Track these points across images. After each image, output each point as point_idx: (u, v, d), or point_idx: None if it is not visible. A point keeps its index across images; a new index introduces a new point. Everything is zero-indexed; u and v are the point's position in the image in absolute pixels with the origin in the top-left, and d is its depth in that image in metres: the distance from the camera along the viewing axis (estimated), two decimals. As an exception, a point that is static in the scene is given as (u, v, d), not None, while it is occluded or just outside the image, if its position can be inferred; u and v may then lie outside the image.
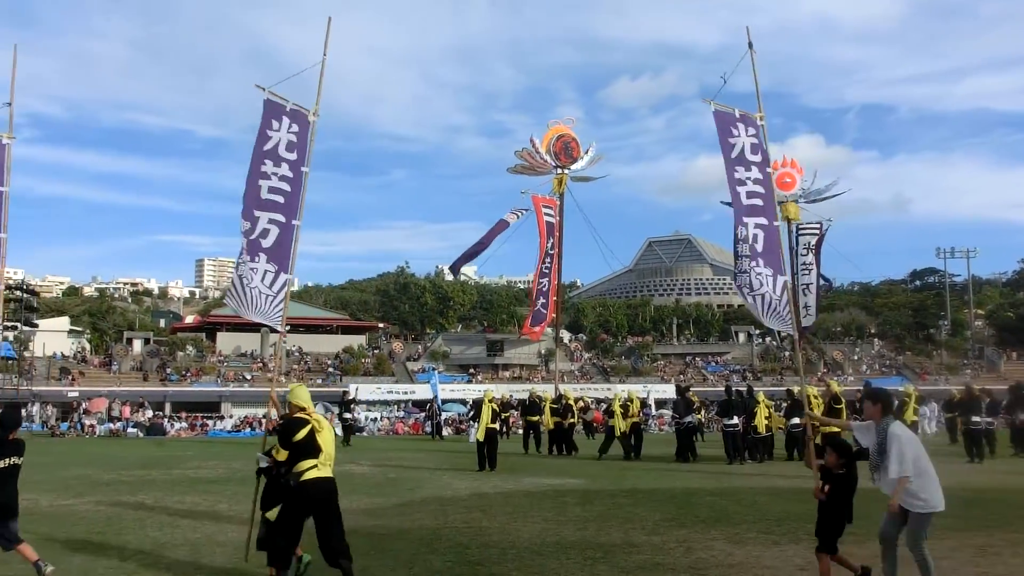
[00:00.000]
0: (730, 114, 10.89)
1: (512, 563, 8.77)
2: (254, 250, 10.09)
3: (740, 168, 10.62)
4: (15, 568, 8.59)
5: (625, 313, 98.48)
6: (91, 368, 61.76)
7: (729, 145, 10.69)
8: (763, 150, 10.82)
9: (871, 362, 75.86)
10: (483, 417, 20.45)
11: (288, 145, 10.88)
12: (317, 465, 7.68)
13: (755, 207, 10.56)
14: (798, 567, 8.51)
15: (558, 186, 40.96)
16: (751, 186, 10.53)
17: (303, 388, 8.29)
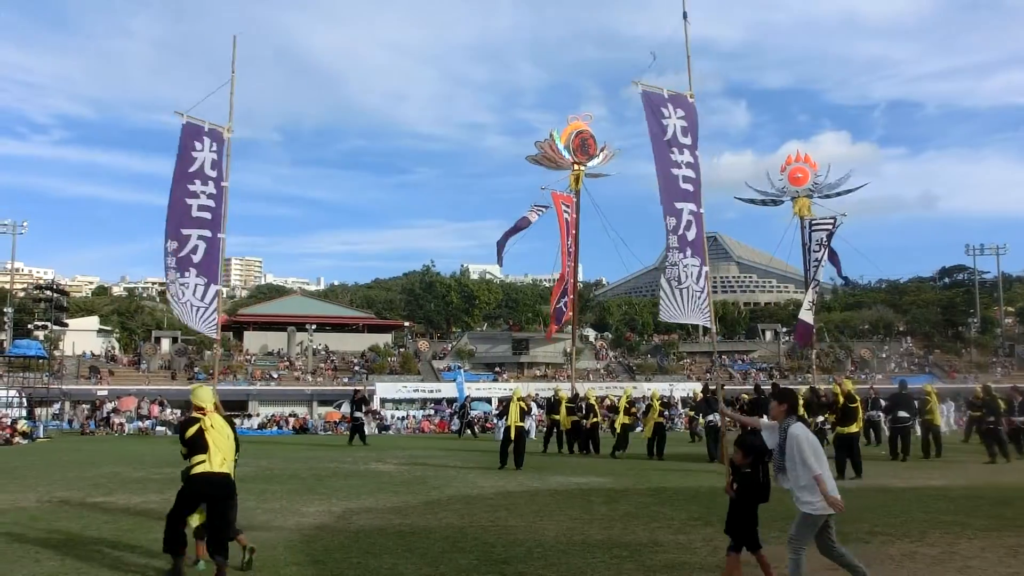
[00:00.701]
0: (659, 95, 10.73)
1: (538, 562, 8.77)
2: (184, 266, 10.79)
3: (674, 150, 10.50)
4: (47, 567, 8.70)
5: (651, 311, 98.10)
6: (120, 367, 62.38)
7: (661, 126, 10.51)
8: (693, 132, 10.74)
9: (899, 360, 75.18)
10: (511, 415, 20.41)
11: (212, 164, 11.37)
12: (206, 461, 8.25)
13: (688, 192, 10.56)
14: (825, 566, 8.43)
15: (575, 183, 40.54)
16: (684, 170, 10.46)
17: (203, 389, 8.93)
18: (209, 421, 8.50)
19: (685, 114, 10.61)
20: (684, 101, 10.64)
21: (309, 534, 10.57)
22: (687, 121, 10.58)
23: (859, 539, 9.87)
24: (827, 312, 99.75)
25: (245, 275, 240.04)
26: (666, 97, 10.62)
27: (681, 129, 10.52)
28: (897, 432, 22.27)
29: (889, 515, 11.77)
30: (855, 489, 15.24)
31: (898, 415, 22.37)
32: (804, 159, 40.14)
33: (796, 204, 38.92)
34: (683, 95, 10.66)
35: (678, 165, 10.38)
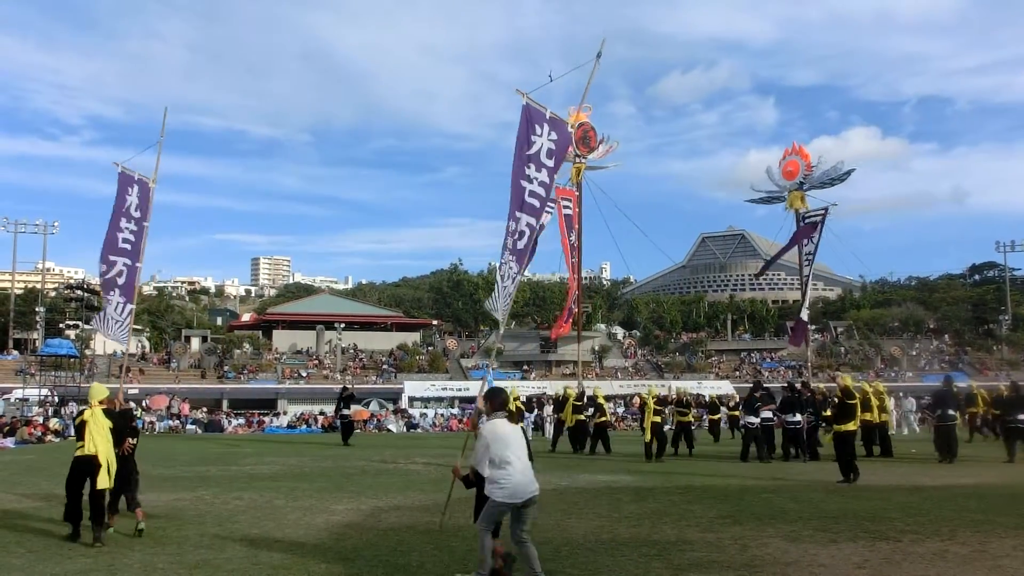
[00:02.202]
0: (541, 112, 11.00)
1: (566, 560, 8.76)
2: (110, 287, 12.90)
3: (532, 166, 10.88)
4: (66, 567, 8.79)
5: (679, 309, 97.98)
6: (151, 366, 62.96)
7: (529, 141, 10.87)
8: (558, 157, 11.09)
9: (929, 358, 74.44)
10: None
11: (136, 207, 13.99)
12: (83, 446, 10.08)
13: (532, 207, 10.92)
14: (855, 565, 8.39)
15: (576, 176, 39.69)
16: (535, 186, 10.82)
17: (96, 386, 10.71)
18: (90, 413, 10.27)
19: (557, 138, 11.01)
20: (562, 126, 11.12)
21: (338, 532, 10.62)
22: (556, 145, 10.98)
23: (890, 537, 9.78)
24: (856, 310, 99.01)
25: (274, 274, 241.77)
26: (546, 116, 10.94)
27: (547, 151, 10.91)
28: (945, 431, 20.79)
29: (919, 513, 11.67)
30: (884, 487, 15.13)
31: (946, 413, 20.92)
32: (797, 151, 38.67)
33: (789, 198, 37.83)
34: (563, 121, 11.18)
35: (530, 180, 10.82)
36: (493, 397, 8.10)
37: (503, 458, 7.48)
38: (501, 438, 7.58)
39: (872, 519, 11.19)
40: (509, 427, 7.75)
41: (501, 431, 7.66)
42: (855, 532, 10.18)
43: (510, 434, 7.67)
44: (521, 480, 7.47)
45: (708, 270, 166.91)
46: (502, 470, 7.47)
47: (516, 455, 7.54)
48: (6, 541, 10.05)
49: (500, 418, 7.81)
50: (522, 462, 7.58)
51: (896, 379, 64.02)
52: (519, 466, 7.51)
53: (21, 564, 8.73)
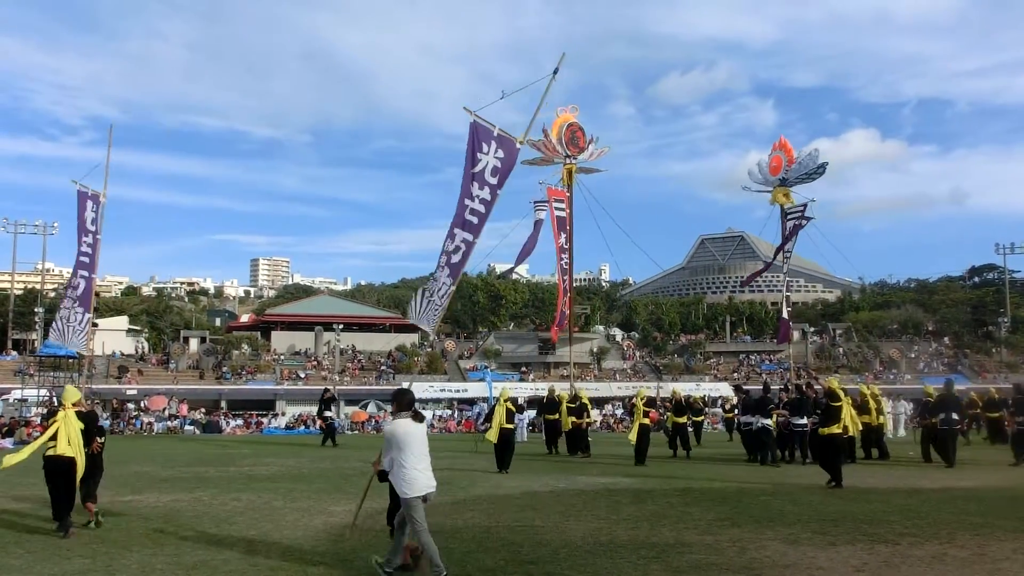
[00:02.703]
0: (489, 130, 11.16)
1: (565, 562, 8.76)
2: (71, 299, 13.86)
3: (476, 184, 11.13)
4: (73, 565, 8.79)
5: (678, 311, 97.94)
6: (149, 366, 62.91)
7: (476, 159, 11.08)
8: (503, 174, 11.21)
9: (928, 360, 74.44)
10: (496, 418, 19.68)
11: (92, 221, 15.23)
12: (55, 446, 10.56)
13: (471, 223, 11.18)
14: (854, 568, 8.39)
15: (567, 177, 39.22)
16: (476, 204, 11.08)
17: (70, 389, 11.54)
18: (63, 415, 10.82)
19: (504, 155, 11.11)
20: (510, 144, 11.18)
21: (336, 533, 10.62)
22: (503, 163, 11.11)
23: (888, 540, 9.78)
24: (855, 312, 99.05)
25: (273, 275, 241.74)
26: (494, 134, 11.06)
27: (492, 168, 11.09)
28: (947, 436, 20.52)
29: (918, 516, 11.67)
30: (883, 490, 15.13)
31: (950, 417, 20.61)
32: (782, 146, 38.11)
33: (773, 193, 37.41)
34: (512, 139, 11.21)
35: (472, 198, 11.07)
36: (399, 398, 8.55)
37: (402, 456, 8.01)
38: (401, 436, 8.08)
39: (871, 522, 11.19)
40: (412, 426, 8.19)
41: (401, 430, 8.12)
42: (854, 535, 10.18)
43: (411, 433, 8.13)
44: (418, 476, 7.99)
45: (707, 272, 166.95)
46: (402, 467, 8.01)
47: (414, 453, 8.06)
48: (5, 541, 10.05)
49: (405, 418, 8.25)
50: (419, 459, 8.07)
51: (895, 381, 64.05)
52: (415, 463, 8.02)
53: (20, 565, 8.73)
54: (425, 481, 8.04)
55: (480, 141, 11.17)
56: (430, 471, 8.17)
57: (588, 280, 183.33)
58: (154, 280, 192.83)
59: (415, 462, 8.05)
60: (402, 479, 8.00)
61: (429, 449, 8.27)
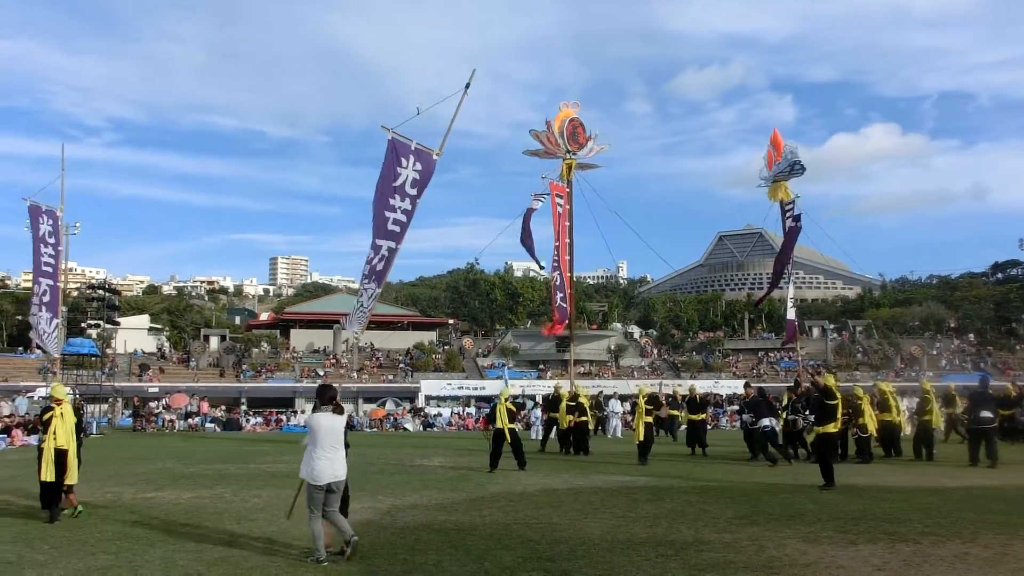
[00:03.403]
0: (407, 145, 11.72)
1: (582, 559, 8.77)
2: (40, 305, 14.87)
3: (396, 197, 11.70)
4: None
5: (696, 308, 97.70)
6: (170, 364, 63.31)
7: (395, 174, 11.60)
8: (422, 186, 11.73)
9: (950, 357, 73.91)
10: (499, 417, 19.35)
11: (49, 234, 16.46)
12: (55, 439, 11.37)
13: (394, 233, 11.80)
14: (875, 567, 8.35)
15: (567, 172, 38.63)
16: (398, 215, 11.70)
17: (58, 386, 12.42)
18: (59, 411, 11.59)
19: (422, 168, 11.69)
20: (427, 157, 11.79)
21: (356, 530, 10.64)
22: (420, 175, 11.68)
23: (910, 539, 9.73)
24: (875, 309, 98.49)
25: (292, 273, 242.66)
26: (412, 148, 11.64)
27: (412, 180, 11.69)
28: (980, 435, 19.91)
29: (940, 515, 11.60)
30: (904, 488, 15.05)
31: (980, 415, 19.91)
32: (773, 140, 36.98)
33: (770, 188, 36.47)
34: (429, 152, 11.83)
35: (393, 209, 11.67)
36: (321, 393, 9.30)
37: (312, 446, 8.77)
38: (314, 429, 8.85)
39: (892, 520, 11.13)
40: (328, 420, 8.93)
41: (316, 423, 8.90)
42: (875, 534, 10.13)
43: (325, 426, 8.85)
44: (324, 465, 8.70)
45: (726, 268, 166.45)
46: (309, 456, 8.75)
47: (327, 444, 8.77)
48: (30, 537, 10.16)
49: (325, 411, 9.03)
50: (329, 450, 8.77)
51: (916, 379, 63.64)
52: (324, 453, 8.73)
53: (44, 560, 8.82)
54: (331, 471, 8.73)
55: (399, 156, 11.66)
56: (340, 462, 8.87)
57: (606, 277, 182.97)
58: (174, 279, 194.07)
59: (324, 452, 8.73)
60: (310, 467, 8.70)
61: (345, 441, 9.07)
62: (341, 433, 9.03)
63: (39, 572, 8.27)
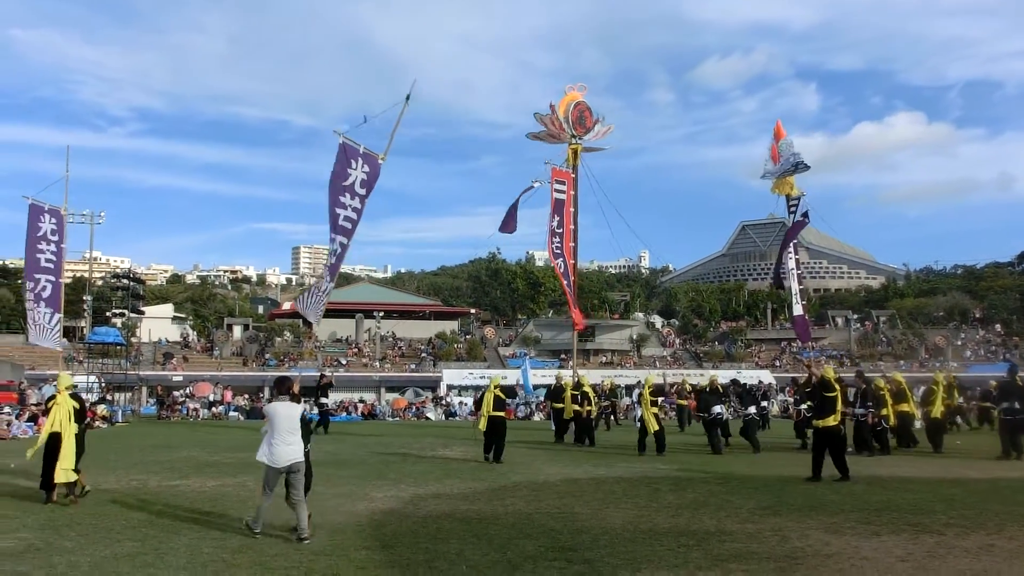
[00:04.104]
0: (355, 148, 12.83)
1: (604, 549, 8.78)
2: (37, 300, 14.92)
3: (347, 195, 12.73)
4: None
5: (718, 298, 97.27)
6: (194, 353, 63.76)
7: (345, 174, 12.65)
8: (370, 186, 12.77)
9: (975, 348, 73.29)
10: (486, 404, 18.93)
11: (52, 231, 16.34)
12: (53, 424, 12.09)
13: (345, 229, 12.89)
14: (898, 558, 8.31)
15: (572, 158, 37.60)
16: (349, 212, 12.75)
17: (63, 375, 13.24)
18: (60, 399, 12.36)
19: (369, 170, 12.81)
20: (374, 161, 12.88)
21: (378, 519, 10.72)
22: (368, 177, 12.80)
23: (934, 530, 9.68)
24: (899, 299, 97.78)
25: (314, 263, 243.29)
26: (360, 152, 12.72)
27: (361, 181, 12.80)
28: (1010, 426, 19.32)
29: (964, 506, 11.53)
30: (928, 479, 14.95)
31: (1012, 406, 19.31)
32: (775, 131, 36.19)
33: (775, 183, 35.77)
34: (375, 155, 12.91)
35: (344, 207, 12.70)
36: (279, 384, 10.10)
37: (271, 433, 9.48)
38: (271, 417, 9.60)
39: (916, 512, 11.07)
40: (284, 408, 9.66)
41: (273, 411, 9.66)
42: (898, 525, 10.09)
43: (282, 414, 9.56)
44: (280, 450, 9.37)
45: (748, 258, 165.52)
46: (268, 442, 9.44)
47: (284, 430, 9.47)
48: (57, 524, 10.27)
49: (282, 400, 9.83)
50: (286, 435, 9.46)
51: (940, 369, 63.15)
52: (282, 439, 9.42)
53: (71, 547, 8.92)
54: (288, 455, 9.40)
55: (349, 159, 12.70)
56: (296, 447, 9.52)
57: (628, 267, 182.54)
58: (198, 268, 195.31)
59: (282, 438, 9.43)
60: (270, 451, 9.41)
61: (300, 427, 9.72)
62: (297, 420, 9.67)
63: (67, 559, 8.36)
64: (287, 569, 7.89)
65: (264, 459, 9.43)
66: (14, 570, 7.92)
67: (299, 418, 9.77)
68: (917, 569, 7.86)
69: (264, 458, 9.43)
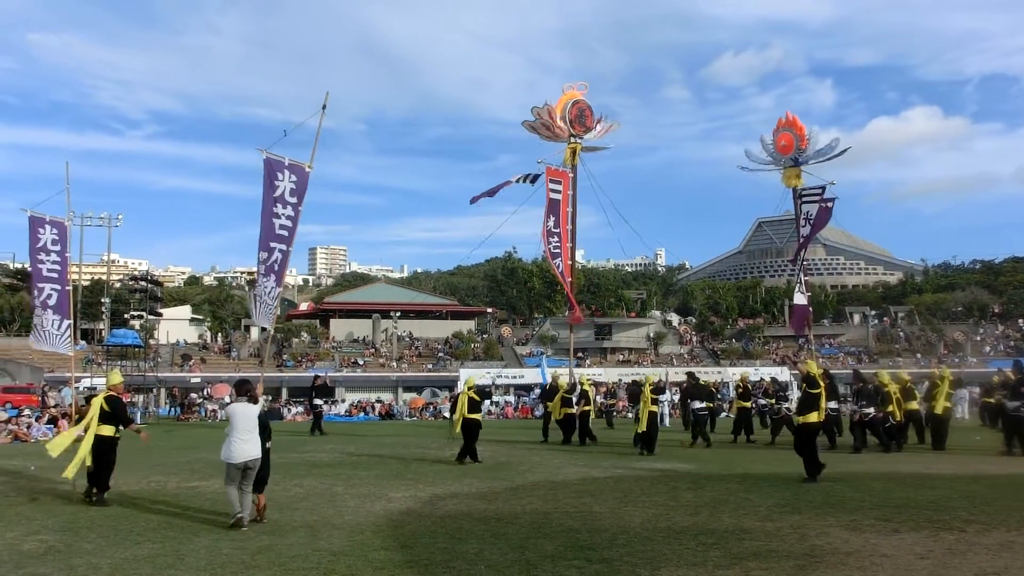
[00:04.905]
0: (280, 162, 13.62)
1: (623, 548, 8.76)
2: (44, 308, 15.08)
3: (278, 205, 13.59)
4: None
5: (735, 295, 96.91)
6: (212, 355, 64.05)
7: (273, 186, 13.54)
8: (300, 194, 13.80)
9: (994, 343, 72.77)
10: (460, 407, 18.52)
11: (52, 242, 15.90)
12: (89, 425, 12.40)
13: (282, 236, 13.69)
14: (918, 555, 8.26)
15: (571, 157, 36.89)
16: (283, 220, 13.61)
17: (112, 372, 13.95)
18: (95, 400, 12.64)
19: (297, 179, 13.72)
20: (300, 170, 13.80)
21: (397, 519, 10.74)
22: (297, 185, 13.73)
23: (954, 527, 9.62)
24: (917, 294, 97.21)
25: (330, 263, 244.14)
26: (285, 164, 13.57)
27: (289, 191, 13.68)
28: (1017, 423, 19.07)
29: (985, 503, 11.45)
30: (947, 476, 14.85)
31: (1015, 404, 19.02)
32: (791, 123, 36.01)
33: (784, 174, 35.43)
34: (301, 165, 13.80)
35: (278, 216, 13.56)
36: (238, 386, 10.91)
37: (233, 430, 10.29)
38: (231, 416, 10.45)
39: (935, 508, 11.00)
40: (243, 408, 10.47)
41: (232, 411, 10.49)
42: (918, 522, 10.02)
43: (240, 414, 10.39)
44: (238, 447, 10.18)
45: (765, 255, 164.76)
46: (230, 439, 10.26)
47: (242, 428, 10.29)
48: (77, 526, 10.34)
49: (241, 402, 10.60)
50: (244, 433, 10.28)
51: (959, 365, 62.74)
52: (241, 436, 10.24)
53: (91, 548, 8.98)
54: (246, 452, 10.19)
55: (275, 171, 13.58)
56: (254, 445, 10.30)
57: (644, 265, 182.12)
58: (215, 270, 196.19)
59: (240, 436, 10.24)
60: (229, 448, 10.20)
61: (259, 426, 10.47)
62: (255, 420, 10.47)
63: (87, 560, 8.41)
64: (306, 570, 7.91)
65: (224, 457, 10.26)
66: (35, 572, 7.98)
67: (257, 418, 10.52)
68: (937, 566, 7.80)
69: (223, 456, 10.27)
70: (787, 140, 35.15)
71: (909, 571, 7.67)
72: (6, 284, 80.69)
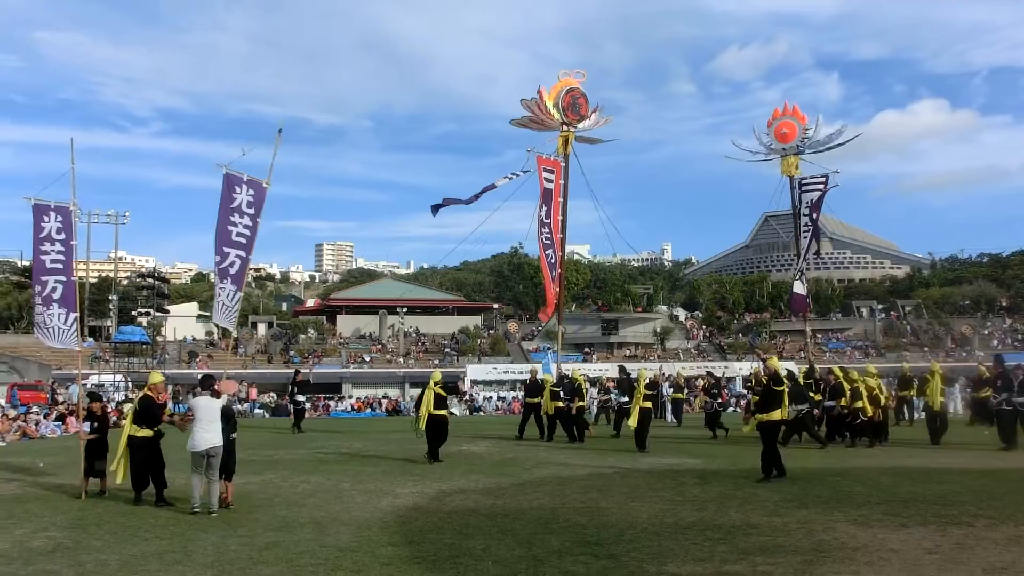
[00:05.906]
0: (239, 177, 14.43)
1: (630, 543, 8.77)
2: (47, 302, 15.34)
3: (236, 215, 14.40)
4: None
5: (742, 289, 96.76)
6: (219, 351, 64.16)
7: (231, 199, 14.39)
8: (257, 206, 14.56)
9: (1002, 337, 72.55)
10: (425, 403, 17.74)
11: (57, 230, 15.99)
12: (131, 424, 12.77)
13: (239, 243, 14.48)
14: (926, 550, 8.24)
15: (563, 146, 36.22)
16: (240, 228, 14.47)
17: (153, 373, 14.23)
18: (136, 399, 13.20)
19: (255, 193, 14.55)
20: (258, 185, 14.62)
21: (404, 515, 10.75)
22: (254, 199, 14.58)
23: (962, 522, 9.59)
24: (925, 288, 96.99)
25: (337, 260, 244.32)
26: (244, 180, 14.45)
27: (247, 203, 14.51)
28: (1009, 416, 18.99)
29: (993, 497, 11.42)
30: (955, 471, 14.81)
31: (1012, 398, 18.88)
32: (792, 111, 35.76)
33: (783, 163, 35.15)
34: (259, 181, 14.62)
35: (235, 225, 14.42)
36: (202, 382, 11.98)
37: (196, 422, 11.30)
38: (195, 409, 11.44)
39: (943, 503, 10.98)
40: (205, 401, 11.44)
41: (196, 404, 11.48)
42: (926, 516, 10.00)
43: (203, 407, 11.38)
44: (200, 436, 11.15)
45: (772, 249, 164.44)
46: (193, 430, 11.25)
47: (205, 420, 11.30)
48: (86, 523, 10.38)
49: (204, 395, 11.56)
50: (207, 424, 11.26)
51: (967, 359, 62.54)
52: (204, 427, 11.22)
53: (100, 545, 9.01)
54: (207, 440, 11.14)
55: (233, 185, 14.37)
56: (215, 434, 11.24)
57: (650, 260, 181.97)
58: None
59: (202, 426, 11.21)
60: (192, 438, 11.17)
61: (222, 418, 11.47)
62: (216, 412, 11.40)
63: (95, 557, 8.44)
64: (313, 566, 7.92)
65: (188, 446, 11.22)
66: (44, 569, 8.01)
67: (219, 411, 11.45)
68: (945, 561, 7.79)
69: (188, 445, 11.22)
70: (789, 128, 34.98)
71: (917, 566, 7.66)
72: (14, 282, 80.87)
